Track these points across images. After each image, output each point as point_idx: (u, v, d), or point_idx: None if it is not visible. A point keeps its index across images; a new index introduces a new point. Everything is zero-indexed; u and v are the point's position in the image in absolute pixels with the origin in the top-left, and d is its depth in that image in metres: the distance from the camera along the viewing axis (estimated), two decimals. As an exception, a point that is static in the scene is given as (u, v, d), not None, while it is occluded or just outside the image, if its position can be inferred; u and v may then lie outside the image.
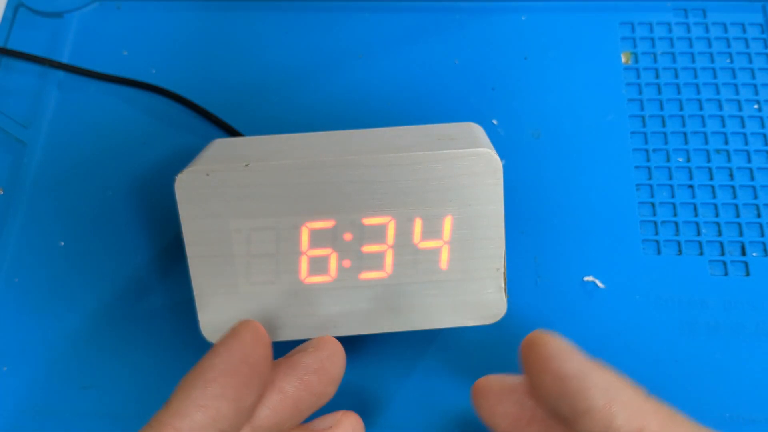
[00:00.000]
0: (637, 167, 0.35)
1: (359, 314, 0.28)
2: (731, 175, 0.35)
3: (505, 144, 0.36)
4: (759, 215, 0.34)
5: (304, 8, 0.41)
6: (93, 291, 0.33)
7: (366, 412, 0.31)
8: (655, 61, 0.38)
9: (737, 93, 0.37)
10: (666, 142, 0.36)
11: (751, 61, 0.38)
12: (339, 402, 0.31)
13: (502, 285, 0.28)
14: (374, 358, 0.32)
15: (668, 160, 0.36)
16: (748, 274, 0.33)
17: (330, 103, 0.38)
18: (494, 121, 0.37)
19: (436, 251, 0.28)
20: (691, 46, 0.38)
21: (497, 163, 0.27)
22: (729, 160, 0.35)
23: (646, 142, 0.36)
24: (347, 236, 0.28)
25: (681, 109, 0.37)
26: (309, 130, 0.31)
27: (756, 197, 0.34)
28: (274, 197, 0.27)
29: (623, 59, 0.38)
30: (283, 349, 0.32)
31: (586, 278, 0.33)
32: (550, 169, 0.35)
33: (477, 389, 0.26)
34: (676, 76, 0.38)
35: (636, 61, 0.38)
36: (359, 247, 0.28)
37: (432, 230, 0.28)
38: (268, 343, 0.25)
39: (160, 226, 0.35)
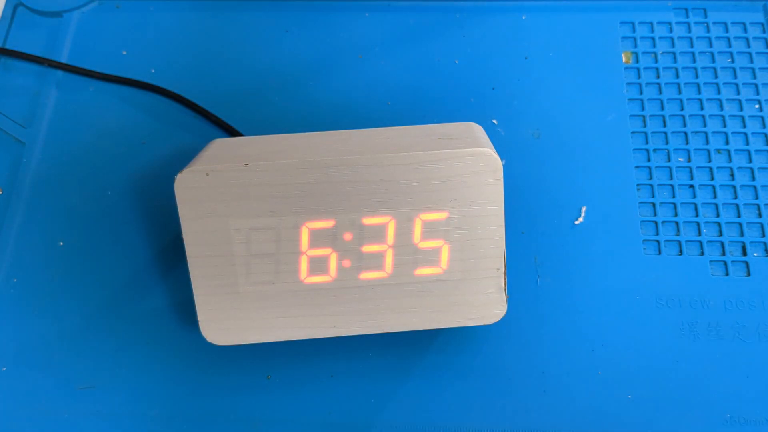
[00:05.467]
0: (637, 167, 0.35)
1: (359, 314, 0.28)
2: (732, 175, 0.35)
3: (505, 144, 0.36)
4: (760, 215, 0.34)
5: (304, 8, 0.41)
6: (92, 291, 0.33)
7: (366, 412, 0.31)
8: (656, 60, 0.38)
9: (738, 92, 0.37)
10: (667, 142, 0.36)
11: (752, 61, 0.38)
12: (340, 402, 0.31)
13: (502, 285, 0.28)
14: (374, 358, 0.32)
15: (669, 159, 0.35)
16: (748, 275, 0.33)
17: (330, 103, 0.38)
18: (494, 121, 0.37)
19: (436, 251, 0.28)
20: (692, 45, 0.38)
21: (497, 163, 0.27)
22: (730, 159, 0.35)
23: (647, 142, 0.36)
24: (347, 236, 0.28)
25: (682, 108, 0.37)
26: (309, 130, 0.31)
27: (757, 197, 0.34)
28: (274, 197, 0.27)
29: (624, 59, 0.38)
30: (282, 348, 0.32)
31: (586, 278, 0.33)
32: (550, 169, 0.35)
33: None
34: (677, 76, 0.38)
35: (637, 60, 0.38)
36: (359, 247, 0.28)
37: (432, 230, 0.28)
38: None
39: (160, 226, 0.35)
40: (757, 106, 0.37)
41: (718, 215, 0.34)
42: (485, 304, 0.28)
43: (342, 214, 0.27)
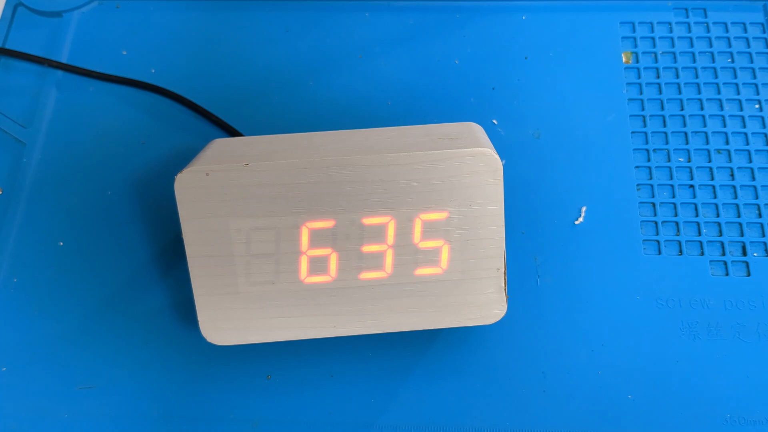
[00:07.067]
0: (637, 167, 0.35)
1: (359, 314, 0.28)
2: (732, 175, 0.35)
3: (505, 144, 0.36)
4: (760, 215, 0.34)
5: (304, 8, 0.40)
6: (92, 291, 0.33)
7: (366, 412, 0.31)
8: (656, 60, 0.38)
9: (738, 92, 0.37)
10: (667, 142, 0.36)
11: (752, 61, 0.38)
12: (340, 402, 0.31)
13: (502, 285, 0.28)
14: (374, 358, 0.32)
15: (669, 160, 0.35)
16: (748, 275, 0.33)
17: (330, 103, 0.38)
18: (494, 121, 0.37)
19: (436, 251, 0.28)
20: (691, 45, 0.38)
21: (497, 163, 0.27)
22: (730, 159, 0.35)
23: (647, 142, 0.36)
24: (347, 236, 0.28)
25: (682, 108, 0.37)
26: (309, 130, 0.31)
27: (757, 197, 0.34)
28: (274, 197, 0.27)
29: (624, 59, 0.38)
30: (282, 348, 0.32)
31: (586, 278, 0.33)
32: (550, 169, 0.35)
33: None
34: (677, 76, 0.38)
35: (637, 60, 0.38)
36: (359, 247, 0.28)
37: (432, 230, 0.28)
38: None
39: (160, 226, 0.35)
40: (757, 106, 0.37)
41: (718, 215, 0.34)
42: (485, 304, 0.28)
43: (342, 214, 0.27)
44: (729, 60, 0.38)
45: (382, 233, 0.28)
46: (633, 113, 0.37)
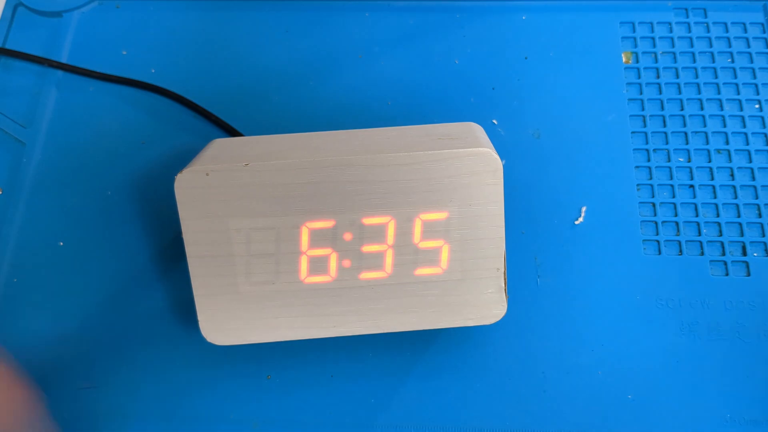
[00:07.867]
0: (637, 167, 0.35)
1: (359, 314, 0.28)
2: (732, 175, 0.35)
3: (505, 144, 0.36)
4: (760, 215, 0.34)
5: (304, 8, 0.40)
6: (93, 291, 0.33)
7: (366, 412, 0.31)
8: (656, 60, 0.38)
9: (738, 92, 0.37)
10: (667, 142, 0.36)
11: (752, 61, 0.38)
12: (340, 402, 0.31)
13: (502, 285, 0.28)
14: (374, 358, 0.32)
15: (669, 159, 0.35)
16: (748, 275, 0.33)
17: (330, 103, 0.38)
18: (494, 121, 0.37)
19: (436, 251, 0.28)
20: (691, 45, 0.38)
21: (497, 163, 0.27)
22: (730, 159, 0.35)
23: (647, 142, 0.36)
24: (347, 236, 0.28)
25: (682, 108, 0.37)
26: (309, 130, 0.31)
27: (757, 197, 0.34)
28: (274, 197, 0.27)
29: (624, 59, 0.38)
30: (282, 348, 0.32)
31: (586, 278, 0.33)
32: (550, 169, 0.35)
33: None
34: (677, 76, 0.38)
35: (637, 60, 0.38)
36: (359, 247, 0.28)
37: (432, 230, 0.28)
38: None
39: (160, 226, 0.35)
40: (757, 106, 0.37)
41: (718, 215, 0.34)
42: (485, 304, 0.28)
43: (342, 214, 0.27)
44: (729, 60, 0.38)
45: (382, 233, 0.28)
46: (633, 113, 0.37)
